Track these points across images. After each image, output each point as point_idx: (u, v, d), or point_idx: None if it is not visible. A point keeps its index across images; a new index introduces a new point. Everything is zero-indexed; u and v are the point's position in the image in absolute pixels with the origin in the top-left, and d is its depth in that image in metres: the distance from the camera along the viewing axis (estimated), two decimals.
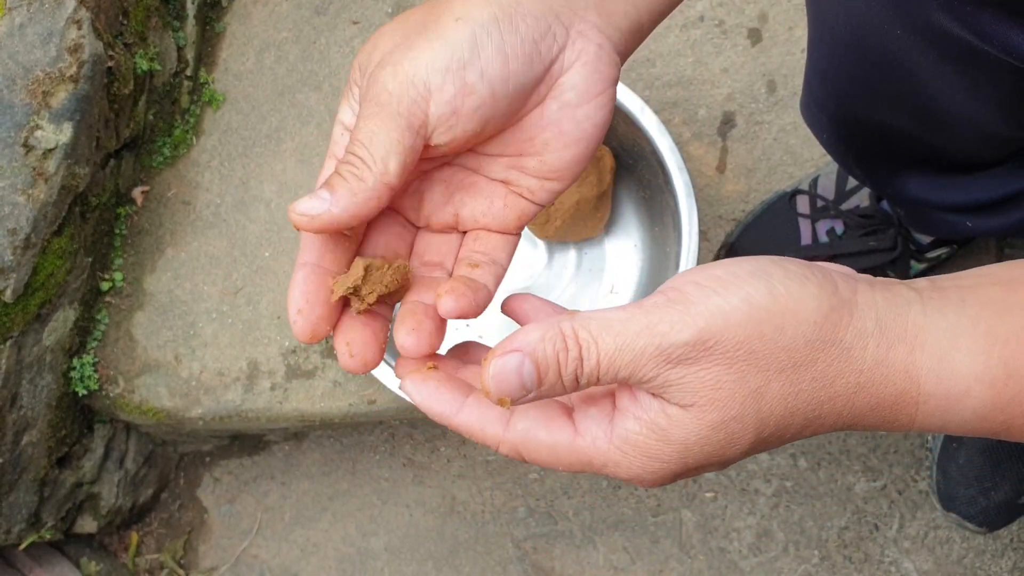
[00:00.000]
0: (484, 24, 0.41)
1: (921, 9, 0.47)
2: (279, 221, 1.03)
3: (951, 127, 0.62)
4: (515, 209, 0.46)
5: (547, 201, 0.47)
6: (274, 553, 1.21)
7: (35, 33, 0.84)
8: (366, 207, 0.41)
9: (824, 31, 0.61)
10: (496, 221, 0.47)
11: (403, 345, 0.42)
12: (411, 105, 0.41)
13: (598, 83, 0.44)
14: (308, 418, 1.02)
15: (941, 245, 0.89)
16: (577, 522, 1.17)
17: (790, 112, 1.00)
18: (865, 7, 0.52)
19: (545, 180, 0.46)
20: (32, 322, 0.90)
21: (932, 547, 1.13)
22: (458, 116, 0.42)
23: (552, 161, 0.45)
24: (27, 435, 0.95)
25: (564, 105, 0.44)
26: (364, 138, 0.41)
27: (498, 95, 0.42)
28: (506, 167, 0.46)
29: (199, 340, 1.02)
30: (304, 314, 0.42)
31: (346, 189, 0.41)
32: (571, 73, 0.44)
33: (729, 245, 0.96)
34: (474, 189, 0.47)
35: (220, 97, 1.06)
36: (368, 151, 0.41)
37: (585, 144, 0.45)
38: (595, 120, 0.44)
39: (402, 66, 0.41)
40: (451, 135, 0.42)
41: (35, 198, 0.85)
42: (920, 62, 0.54)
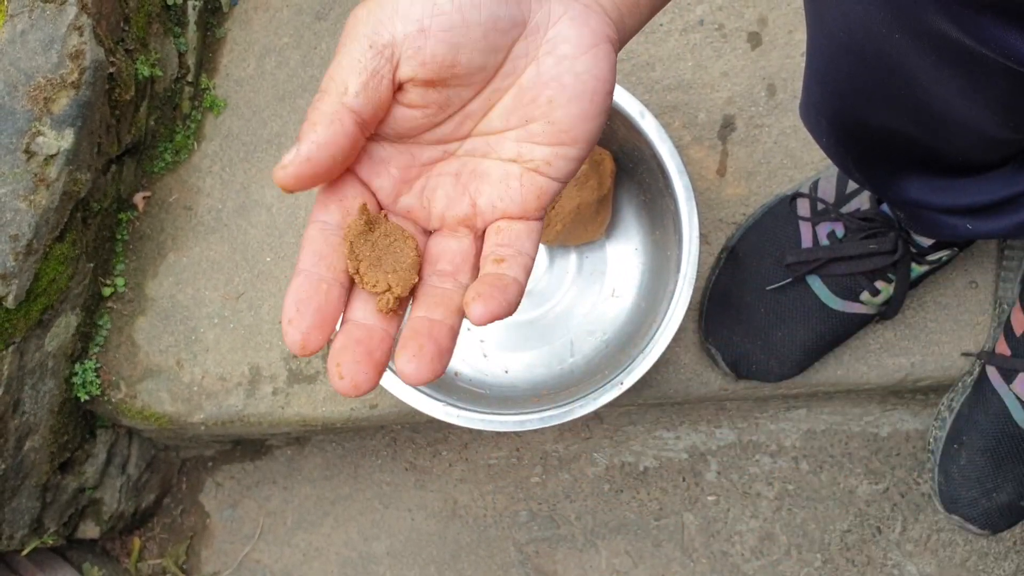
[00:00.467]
0: None
1: (920, 13, 0.47)
2: (280, 226, 1.03)
3: (950, 129, 0.62)
4: (533, 188, 0.45)
5: (565, 174, 0.45)
6: (276, 557, 1.21)
7: (36, 39, 0.85)
8: (331, 137, 0.40)
9: (823, 35, 0.61)
10: (515, 205, 0.45)
11: (403, 372, 0.40)
12: (376, 25, 0.40)
13: (591, 35, 0.43)
14: (310, 423, 1.02)
15: (942, 247, 0.89)
16: (579, 526, 1.17)
17: (790, 115, 1.00)
18: (864, 12, 0.52)
19: (558, 146, 0.44)
20: (34, 328, 0.90)
21: (935, 550, 1.13)
22: (426, 35, 0.41)
23: (560, 119, 0.44)
24: (29, 441, 0.95)
25: (561, 58, 0.43)
26: (330, 71, 0.40)
27: (469, 20, 0.41)
28: (515, 141, 0.45)
29: (201, 345, 1.02)
30: (295, 324, 0.40)
31: (308, 125, 0.40)
32: (559, 26, 0.43)
33: (730, 248, 0.96)
34: (487, 175, 0.45)
35: (221, 103, 1.06)
36: (331, 80, 0.40)
37: (590, 99, 0.43)
38: (595, 73, 0.43)
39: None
40: (419, 58, 0.41)
41: (37, 204, 0.85)
42: (919, 65, 0.54)
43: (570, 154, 0.45)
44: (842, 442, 1.15)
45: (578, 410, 0.85)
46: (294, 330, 0.40)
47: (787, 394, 1.05)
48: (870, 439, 1.14)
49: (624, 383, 0.85)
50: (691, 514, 1.16)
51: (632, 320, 0.95)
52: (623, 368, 0.86)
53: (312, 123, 0.40)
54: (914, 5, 0.47)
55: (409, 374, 0.40)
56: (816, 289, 0.90)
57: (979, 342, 0.98)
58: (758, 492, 1.15)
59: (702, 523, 1.16)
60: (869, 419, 1.14)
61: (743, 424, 1.16)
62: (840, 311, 0.91)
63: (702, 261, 0.98)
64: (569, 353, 0.97)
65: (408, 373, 0.40)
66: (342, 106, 0.40)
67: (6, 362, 0.88)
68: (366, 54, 0.40)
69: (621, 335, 0.95)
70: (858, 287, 0.90)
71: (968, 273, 0.99)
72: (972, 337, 0.98)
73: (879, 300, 0.91)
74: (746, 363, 0.94)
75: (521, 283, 0.43)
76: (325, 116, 0.40)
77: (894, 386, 1.01)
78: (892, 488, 1.14)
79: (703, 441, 1.17)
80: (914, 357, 0.99)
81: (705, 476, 1.16)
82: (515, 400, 0.92)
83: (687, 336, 1.00)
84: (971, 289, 0.99)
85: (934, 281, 0.98)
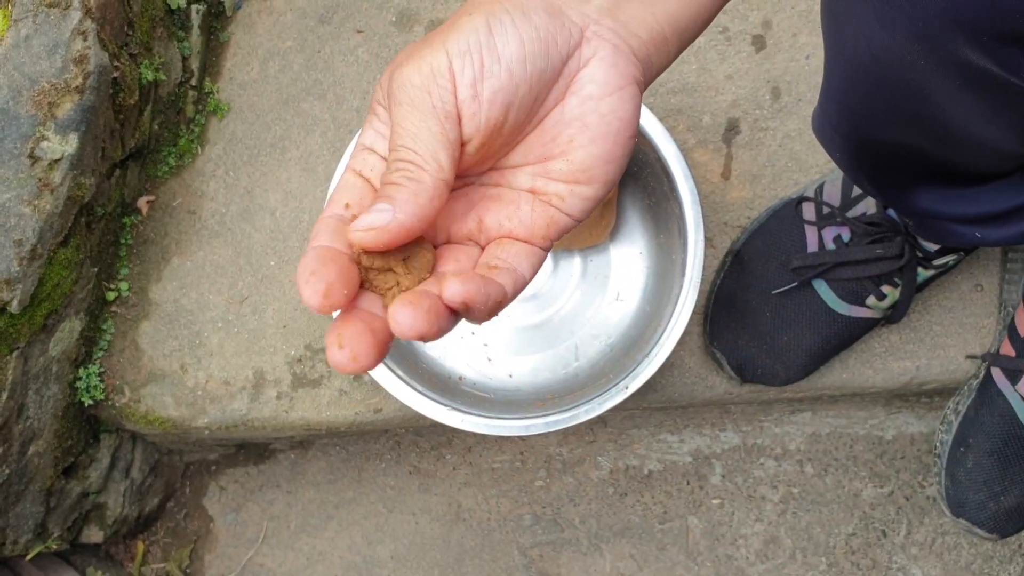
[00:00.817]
0: (496, 13, 0.41)
1: (947, 43, 0.47)
2: (284, 230, 1.03)
3: (966, 146, 0.62)
4: (543, 216, 0.44)
5: (579, 211, 0.44)
6: (280, 562, 1.21)
7: (41, 44, 0.84)
8: (430, 208, 0.40)
9: (842, 56, 0.61)
10: (522, 227, 0.44)
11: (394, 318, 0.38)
12: (442, 94, 0.40)
13: (618, 77, 0.43)
14: (314, 427, 1.02)
15: (949, 252, 0.88)
16: (583, 529, 1.17)
17: (795, 118, 1.00)
18: (888, 38, 0.52)
19: (575, 184, 0.44)
20: (38, 333, 0.90)
21: (940, 553, 1.13)
22: (479, 101, 0.41)
23: (579, 160, 0.43)
24: (33, 445, 0.95)
25: (586, 99, 0.43)
26: (406, 141, 0.40)
27: (516, 77, 0.41)
28: (531, 175, 0.44)
29: (205, 349, 1.02)
30: (318, 275, 0.38)
31: (407, 193, 0.39)
32: (589, 68, 0.43)
33: (735, 252, 0.96)
34: (498, 198, 0.45)
35: (225, 107, 1.06)
36: (415, 152, 0.40)
37: (613, 140, 0.43)
38: (620, 114, 0.43)
39: (424, 59, 0.40)
40: (475, 124, 0.41)
41: (41, 209, 0.85)
42: (941, 90, 0.54)
43: (586, 193, 0.44)
44: (847, 445, 1.15)
45: (583, 415, 0.84)
46: (317, 280, 0.38)
47: (792, 397, 1.04)
48: (875, 442, 1.14)
49: (629, 387, 0.84)
50: (695, 517, 1.16)
51: (637, 324, 0.95)
52: (628, 372, 0.86)
53: (414, 194, 0.40)
54: (944, 36, 0.47)
55: (401, 321, 0.37)
56: (822, 293, 0.90)
57: (984, 345, 0.98)
58: (763, 495, 1.15)
59: (707, 526, 1.16)
60: (874, 422, 1.14)
61: (747, 427, 1.16)
62: (846, 315, 0.90)
63: (707, 265, 0.98)
64: (574, 357, 0.97)
65: (400, 321, 0.37)
66: (441, 182, 0.40)
67: (10, 367, 0.88)
68: (445, 126, 0.40)
69: (626, 339, 0.95)
70: (864, 291, 0.89)
71: (973, 276, 0.99)
72: (977, 340, 0.98)
73: (885, 304, 0.90)
74: (751, 367, 0.94)
75: (506, 292, 0.42)
76: (425, 190, 0.40)
77: (899, 389, 1.01)
78: (897, 491, 1.14)
79: (707, 444, 1.16)
80: (919, 360, 0.99)
81: (709, 479, 1.16)
82: (519, 404, 0.92)
83: (692, 340, 1.00)
84: (976, 292, 0.99)
85: (939, 284, 0.98)
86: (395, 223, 0.39)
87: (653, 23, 0.44)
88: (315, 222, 0.43)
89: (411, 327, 0.37)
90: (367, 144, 0.44)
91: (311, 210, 1.03)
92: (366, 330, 0.39)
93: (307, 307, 0.39)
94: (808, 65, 1.01)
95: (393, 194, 0.39)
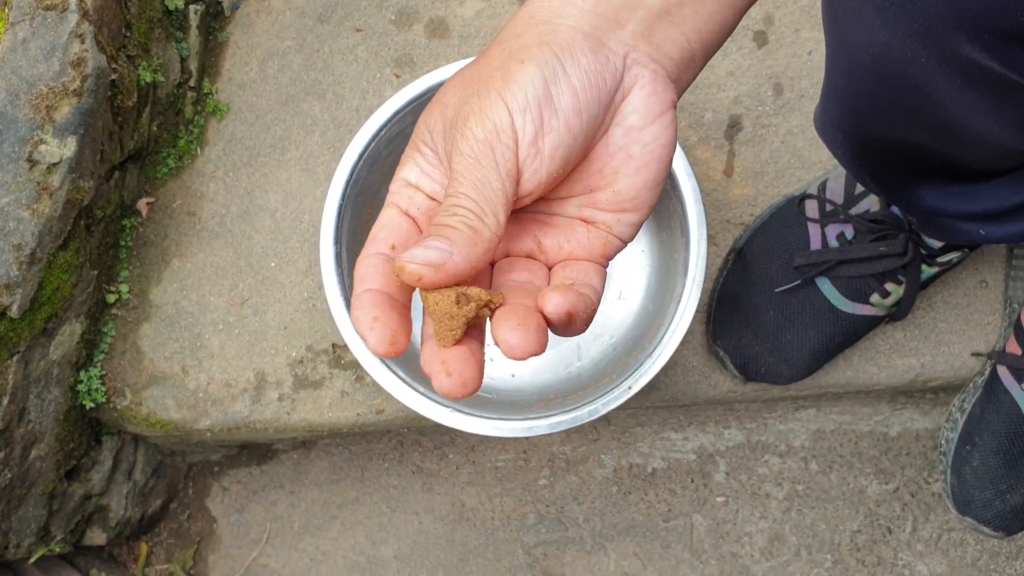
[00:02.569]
0: (548, 61, 0.41)
1: (949, 41, 0.47)
2: (284, 231, 1.03)
3: (969, 143, 0.62)
4: (599, 238, 0.45)
5: (628, 236, 0.45)
6: (283, 562, 1.20)
7: (38, 47, 0.84)
8: (483, 259, 0.40)
9: (844, 55, 0.61)
10: (581, 248, 0.45)
11: (507, 342, 0.38)
12: (505, 151, 0.41)
13: (658, 104, 0.43)
14: (316, 428, 1.02)
15: (953, 249, 0.88)
16: (587, 528, 1.17)
17: (797, 115, 1.00)
18: (889, 36, 0.52)
19: (621, 213, 0.44)
20: (39, 336, 0.90)
21: (946, 549, 1.12)
22: (541, 157, 0.41)
23: (625, 189, 0.44)
24: (35, 449, 0.95)
25: (628, 129, 0.43)
26: (469, 191, 0.40)
27: (574, 130, 0.42)
28: (578, 206, 0.45)
29: (206, 351, 1.02)
30: (382, 321, 0.39)
31: (464, 239, 0.39)
32: (631, 98, 0.43)
33: (738, 250, 0.96)
34: (551, 224, 0.46)
35: (224, 107, 1.06)
36: (476, 203, 0.40)
37: (655, 167, 0.44)
38: (662, 141, 0.43)
39: (486, 114, 0.41)
40: (536, 180, 0.42)
41: (40, 213, 0.84)
42: (943, 88, 0.53)
43: (632, 220, 0.45)
44: (852, 442, 1.14)
45: (586, 416, 0.84)
46: (383, 327, 0.39)
47: (796, 395, 1.04)
48: (880, 439, 1.14)
49: (632, 387, 0.84)
50: (700, 515, 1.16)
51: (639, 323, 0.95)
52: (631, 372, 0.85)
53: (472, 243, 0.40)
54: (945, 34, 0.47)
55: (514, 344, 0.38)
56: (825, 291, 0.90)
57: (990, 342, 0.97)
58: (767, 493, 1.15)
59: (711, 524, 1.15)
60: (879, 419, 1.13)
61: (752, 425, 1.15)
62: (850, 313, 0.90)
63: (710, 263, 0.97)
64: (576, 357, 0.96)
65: (513, 343, 0.38)
66: (496, 237, 0.41)
67: (11, 371, 0.88)
68: (506, 184, 0.41)
69: (628, 338, 0.95)
70: (868, 289, 0.89)
71: (978, 273, 0.98)
72: (983, 337, 0.98)
73: (889, 302, 0.90)
74: (755, 365, 0.93)
75: (595, 303, 0.42)
76: (483, 241, 0.40)
77: (904, 387, 1.01)
78: (902, 488, 1.13)
79: (711, 442, 1.16)
80: (924, 358, 0.98)
81: (714, 477, 1.16)
82: (522, 405, 0.91)
83: (695, 339, 0.99)
84: (981, 289, 0.98)
85: (944, 281, 0.97)
86: (451, 264, 0.39)
87: (684, 43, 0.45)
88: (358, 262, 0.43)
89: (523, 348, 0.38)
90: (412, 181, 0.44)
91: (311, 211, 1.03)
92: (469, 355, 0.39)
93: (371, 352, 0.39)
94: (810, 61, 1.00)
95: (451, 236, 0.39)
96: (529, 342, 0.38)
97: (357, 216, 0.90)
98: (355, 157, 0.87)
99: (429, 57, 1.05)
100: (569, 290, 0.40)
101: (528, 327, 0.38)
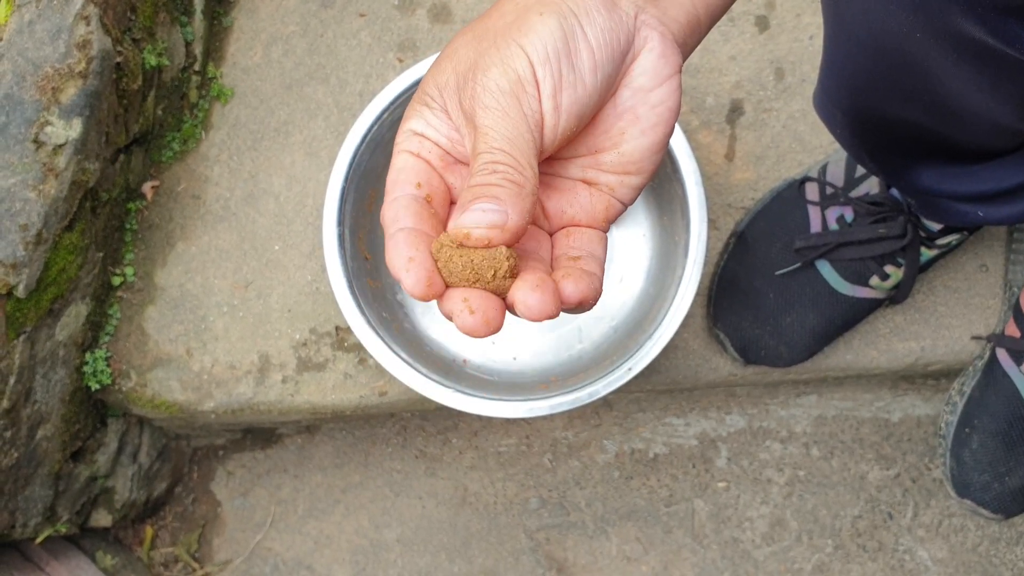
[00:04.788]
0: (566, 15, 0.41)
1: (944, 15, 0.47)
2: (288, 214, 1.04)
3: (965, 121, 0.62)
4: (601, 201, 0.45)
5: (629, 199, 0.45)
6: (287, 545, 1.21)
7: (44, 30, 0.85)
8: (533, 211, 0.40)
9: (841, 32, 0.61)
10: (584, 213, 0.45)
11: (526, 302, 0.39)
12: (531, 102, 0.40)
13: (666, 67, 0.43)
14: (319, 410, 1.03)
15: (952, 232, 0.88)
16: (589, 513, 1.17)
17: (798, 99, 1.00)
18: (884, 12, 0.52)
19: (624, 175, 0.44)
20: (44, 317, 0.91)
21: (947, 535, 1.13)
22: (559, 113, 0.41)
23: (630, 151, 0.44)
24: (41, 430, 0.96)
25: (637, 90, 0.43)
26: (503, 144, 0.40)
27: (589, 88, 0.41)
28: (582, 167, 0.45)
29: (210, 334, 1.02)
30: (418, 261, 0.39)
31: (513, 195, 0.39)
32: (640, 59, 0.43)
33: (738, 233, 0.96)
34: (554, 187, 0.45)
35: (228, 91, 1.07)
36: (513, 156, 0.40)
37: (661, 130, 0.44)
38: (668, 104, 0.43)
39: (509, 64, 0.40)
40: (553, 135, 0.42)
41: (46, 194, 0.85)
42: (938, 63, 0.54)
43: (635, 182, 0.45)
44: (853, 428, 1.14)
45: (587, 397, 0.85)
46: (418, 267, 0.39)
47: (797, 379, 1.04)
48: (881, 424, 1.14)
49: (632, 369, 0.85)
50: (701, 500, 1.16)
51: (640, 306, 0.95)
52: (631, 354, 0.86)
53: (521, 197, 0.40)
54: (939, 8, 0.47)
55: (533, 305, 0.39)
56: (825, 274, 0.90)
57: (990, 325, 0.98)
58: (768, 478, 1.15)
59: (712, 509, 1.16)
60: (880, 404, 1.14)
61: (753, 410, 1.16)
62: (849, 296, 0.90)
63: (710, 246, 0.98)
64: (577, 339, 0.97)
65: (532, 304, 0.39)
66: (536, 188, 0.40)
67: (17, 351, 0.88)
68: (536, 135, 0.41)
69: (629, 321, 0.95)
70: (867, 271, 0.89)
71: (978, 256, 0.98)
72: (983, 320, 0.98)
73: (889, 284, 0.90)
74: (755, 348, 0.94)
75: (600, 278, 0.43)
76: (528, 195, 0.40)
77: (904, 371, 1.01)
78: (903, 473, 1.14)
79: (713, 427, 1.16)
80: (924, 341, 0.99)
81: (715, 462, 1.16)
82: (524, 387, 0.92)
83: (696, 322, 1.00)
84: (981, 272, 0.98)
85: (944, 264, 0.98)
86: (512, 223, 0.39)
87: (690, 8, 0.45)
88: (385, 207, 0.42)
89: (541, 310, 0.39)
90: (419, 131, 0.44)
91: (315, 194, 1.03)
92: (490, 296, 0.39)
93: (408, 294, 0.40)
94: (812, 45, 1.00)
95: (500, 195, 0.39)
96: (547, 304, 0.39)
97: (360, 199, 0.90)
98: (358, 141, 0.88)
99: (432, 42, 1.05)
100: (583, 277, 0.41)
101: (546, 290, 0.39)
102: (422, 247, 0.40)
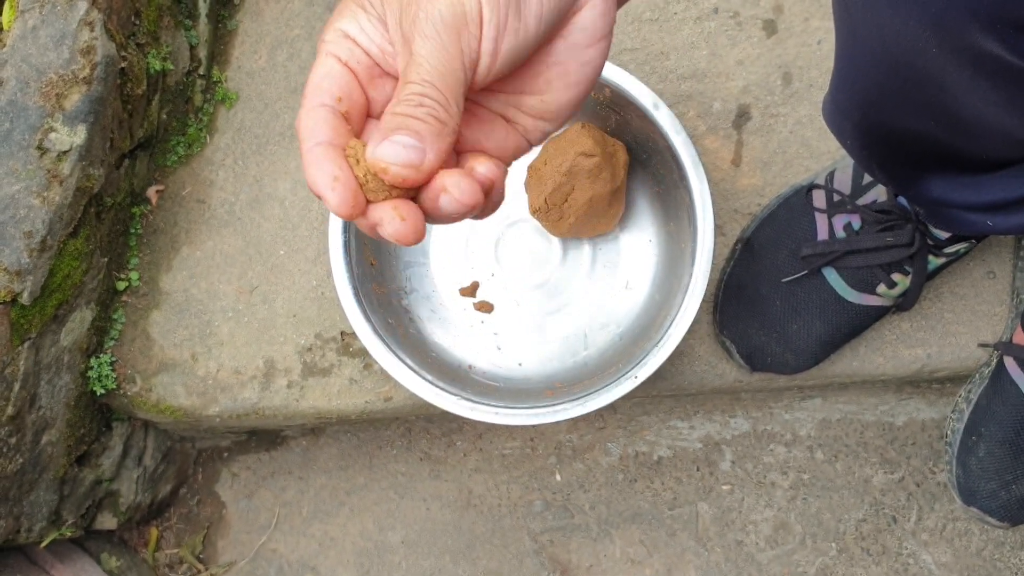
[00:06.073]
0: None
1: (962, 32, 0.47)
2: (293, 219, 1.03)
3: (978, 133, 0.61)
4: (514, 139, 0.45)
5: (537, 143, 0.46)
6: (292, 547, 1.21)
7: (48, 36, 0.84)
8: (449, 152, 0.40)
9: (854, 46, 0.60)
10: (496, 147, 0.45)
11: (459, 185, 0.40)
12: (471, 41, 0.40)
13: (604, 26, 0.43)
14: (324, 415, 1.03)
15: (960, 240, 0.88)
16: (593, 515, 1.18)
17: (806, 105, 0.99)
18: (901, 25, 0.51)
19: (540, 120, 0.45)
20: (49, 323, 0.91)
21: (951, 539, 1.13)
22: (495, 56, 0.41)
23: (551, 101, 0.44)
24: (46, 434, 0.96)
25: (572, 46, 0.43)
26: (434, 78, 0.40)
27: (530, 36, 0.41)
28: (504, 103, 0.45)
29: (215, 339, 1.02)
30: (343, 181, 0.39)
31: (434, 133, 0.39)
32: (582, 14, 0.43)
33: (745, 240, 0.96)
34: (474, 118, 0.45)
35: (233, 95, 1.06)
36: (441, 93, 0.40)
37: (583, 87, 0.44)
38: (595, 64, 0.44)
39: None
40: (482, 77, 0.41)
41: (50, 200, 0.85)
42: (954, 77, 0.53)
43: (547, 129, 0.46)
44: (857, 431, 1.14)
45: (592, 404, 0.84)
46: (343, 187, 0.39)
47: (802, 384, 1.04)
48: (886, 428, 1.14)
49: (638, 376, 0.84)
50: (706, 504, 1.16)
51: (646, 312, 0.95)
52: (637, 361, 0.85)
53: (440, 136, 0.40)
54: (958, 24, 0.47)
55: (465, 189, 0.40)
56: (832, 281, 0.90)
57: (997, 333, 0.97)
58: (773, 482, 1.15)
59: (717, 513, 1.16)
60: (884, 408, 1.13)
61: (758, 414, 1.15)
62: (856, 303, 0.90)
63: (717, 253, 0.97)
64: (583, 346, 0.97)
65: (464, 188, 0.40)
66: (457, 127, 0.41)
67: (22, 357, 0.88)
68: (466, 73, 0.40)
69: (635, 328, 0.95)
70: (874, 279, 0.89)
71: (986, 263, 0.98)
72: (990, 328, 0.98)
73: (896, 292, 0.90)
74: (761, 355, 0.93)
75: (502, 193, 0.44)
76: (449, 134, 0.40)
77: (910, 377, 1.01)
78: (908, 477, 1.14)
79: (718, 431, 1.16)
80: (931, 348, 0.98)
81: (720, 466, 1.16)
82: (529, 393, 0.92)
83: (701, 328, 1.00)
84: (988, 280, 0.98)
85: (951, 272, 0.97)
86: (427, 164, 0.39)
87: None
88: (301, 115, 0.42)
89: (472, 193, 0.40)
90: (350, 34, 0.43)
91: (320, 200, 1.03)
92: (415, 204, 0.40)
93: (333, 212, 0.40)
94: (820, 50, 1.00)
95: (420, 130, 0.39)
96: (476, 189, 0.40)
97: None
98: None
99: None
100: (495, 163, 0.43)
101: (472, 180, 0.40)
102: (344, 166, 0.39)
